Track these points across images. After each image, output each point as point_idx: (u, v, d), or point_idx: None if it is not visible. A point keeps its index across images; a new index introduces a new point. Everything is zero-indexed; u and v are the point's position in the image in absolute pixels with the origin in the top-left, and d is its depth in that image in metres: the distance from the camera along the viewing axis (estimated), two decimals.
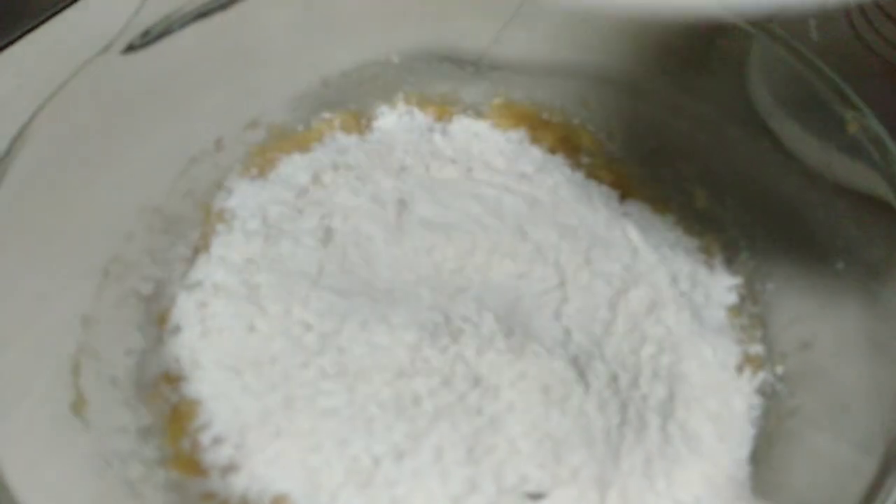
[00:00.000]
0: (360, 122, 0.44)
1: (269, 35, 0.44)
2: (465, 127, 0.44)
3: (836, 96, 0.35)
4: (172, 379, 0.34)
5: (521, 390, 0.30)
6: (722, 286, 0.37)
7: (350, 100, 0.45)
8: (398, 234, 0.36)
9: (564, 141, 0.43)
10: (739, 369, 0.33)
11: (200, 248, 0.38)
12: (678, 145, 0.43)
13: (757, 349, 0.34)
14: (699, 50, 0.43)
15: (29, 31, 0.48)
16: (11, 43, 0.48)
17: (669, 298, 0.35)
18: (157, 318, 0.36)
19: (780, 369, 0.33)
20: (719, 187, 0.41)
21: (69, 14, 0.49)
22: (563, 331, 0.33)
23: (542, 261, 0.35)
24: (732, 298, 0.36)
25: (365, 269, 0.35)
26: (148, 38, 0.39)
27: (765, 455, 0.30)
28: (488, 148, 0.42)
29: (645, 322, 0.34)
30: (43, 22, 0.48)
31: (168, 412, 0.33)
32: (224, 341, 0.34)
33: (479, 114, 0.45)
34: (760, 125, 0.41)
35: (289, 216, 0.38)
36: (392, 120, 0.44)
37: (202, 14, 0.39)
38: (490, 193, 0.38)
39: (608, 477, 0.30)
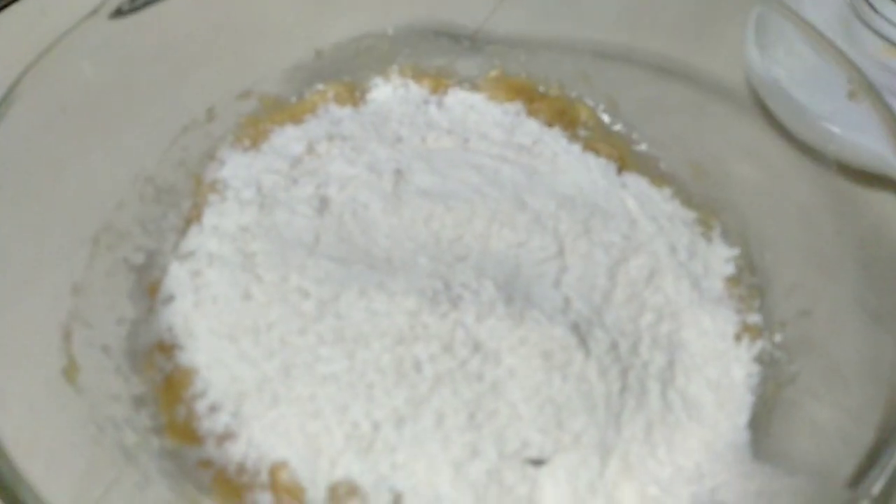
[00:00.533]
0: (354, 94, 0.44)
1: (262, 4, 0.44)
2: (460, 99, 0.43)
3: (840, 70, 0.35)
4: (166, 348, 0.33)
5: (522, 356, 0.30)
6: (720, 257, 0.37)
7: (344, 71, 0.44)
8: (396, 204, 0.36)
9: (561, 114, 0.43)
10: (738, 338, 0.33)
11: (192, 218, 0.38)
12: (675, 121, 0.43)
13: (755, 318, 0.34)
14: (697, 25, 0.43)
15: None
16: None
17: (668, 268, 0.35)
18: (149, 288, 0.35)
19: (778, 337, 0.33)
20: (717, 162, 0.41)
21: None
22: (562, 299, 0.33)
23: (541, 230, 0.35)
24: (730, 269, 0.36)
25: (362, 237, 0.35)
26: (137, 4, 0.39)
27: (764, 422, 0.31)
28: (484, 120, 0.42)
29: (644, 291, 0.34)
30: None
31: (161, 381, 0.32)
32: (219, 309, 0.33)
33: (474, 86, 0.44)
34: (758, 102, 0.41)
35: (283, 186, 0.38)
36: (387, 92, 0.44)
37: None
38: (488, 163, 0.38)
39: (610, 442, 0.30)
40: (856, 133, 0.37)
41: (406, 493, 0.29)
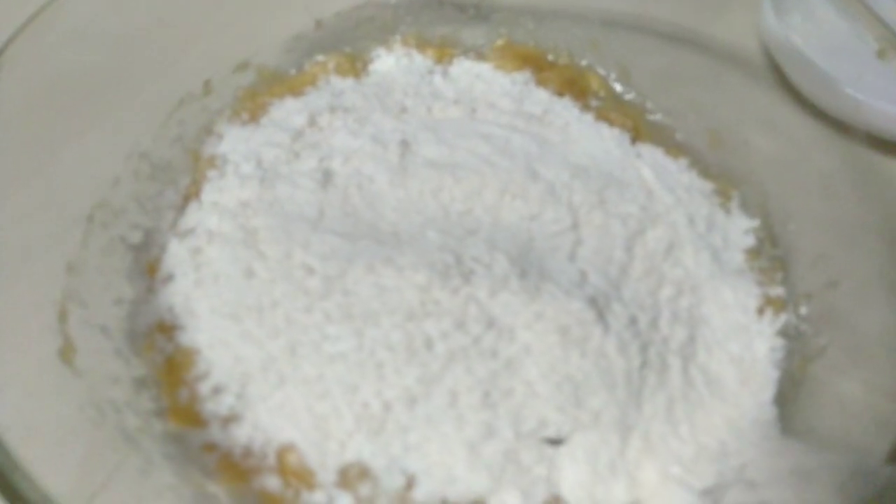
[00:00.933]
0: (355, 65, 0.42)
1: None
2: (466, 69, 0.42)
3: (867, 28, 0.33)
4: (166, 328, 0.32)
5: (538, 332, 0.29)
6: (739, 229, 0.35)
7: (345, 42, 0.43)
8: (402, 176, 0.34)
9: (571, 83, 0.41)
10: (760, 311, 0.32)
11: (191, 194, 0.36)
12: (690, 90, 0.41)
13: (778, 291, 0.33)
14: None
15: None
16: None
17: (687, 239, 0.33)
18: (148, 267, 0.34)
19: (804, 310, 0.32)
20: (733, 132, 0.39)
21: None
22: (578, 273, 0.31)
23: (555, 201, 0.33)
24: (750, 241, 0.35)
25: (368, 211, 0.33)
26: None
27: (792, 398, 0.29)
28: (491, 90, 0.40)
29: (663, 264, 0.32)
30: None
31: (162, 362, 0.31)
32: (221, 288, 0.32)
33: (480, 56, 0.43)
34: (774, 70, 0.40)
35: (284, 159, 0.36)
36: (389, 62, 0.42)
37: None
38: (498, 133, 0.36)
39: (630, 420, 0.28)
40: (880, 99, 0.36)
41: (419, 474, 0.28)
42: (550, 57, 0.43)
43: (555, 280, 0.30)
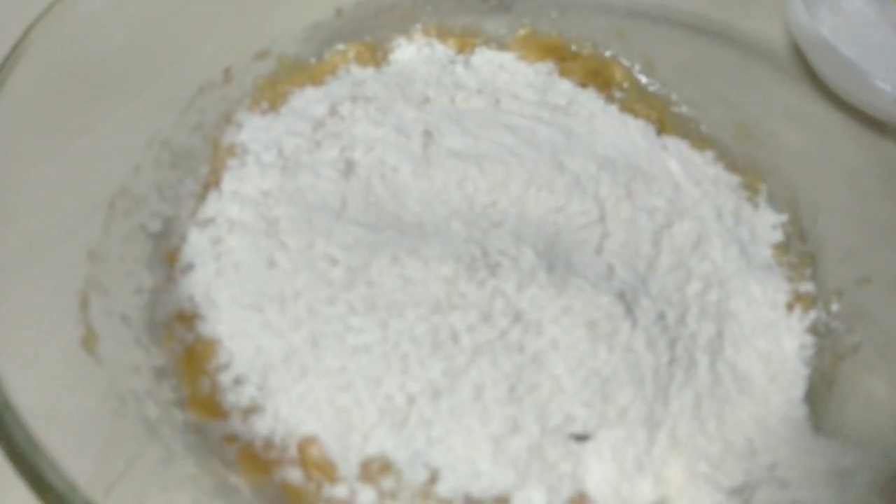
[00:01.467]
0: (375, 54, 0.42)
1: None
2: (488, 59, 0.41)
3: None
4: (186, 318, 0.32)
5: (565, 326, 0.28)
6: (767, 223, 0.35)
7: (365, 31, 0.42)
8: (426, 166, 0.34)
9: (596, 74, 0.40)
10: (790, 307, 0.32)
11: (210, 183, 0.36)
12: (715, 82, 0.41)
13: (807, 287, 0.32)
14: None
15: None
16: None
17: (715, 233, 0.33)
18: (167, 257, 0.34)
19: (835, 306, 0.32)
20: (760, 125, 0.39)
21: None
22: (605, 266, 0.31)
23: (581, 193, 0.33)
24: (778, 236, 0.34)
25: (392, 201, 0.33)
26: None
27: (823, 396, 0.29)
28: (515, 80, 0.39)
29: (690, 258, 0.32)
30: None
31: (182, 352, 0.31)
32: (242, 278, 0.31)
33: (502, 46, 0.42)
34: (801, 63, 0.39)
35: (306, 149, 0.36)
36: (410, 52, 0.42)
37: None
38: (522, 123, 0.36)
39: (657, 417, 0.28)
40: None
41: (443, 469, 0.28)
42: (574, 47, 0.42)
43: (582, 274, 0.30)
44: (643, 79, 0.41)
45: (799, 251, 0.34)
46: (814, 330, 0.31)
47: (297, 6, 0.42)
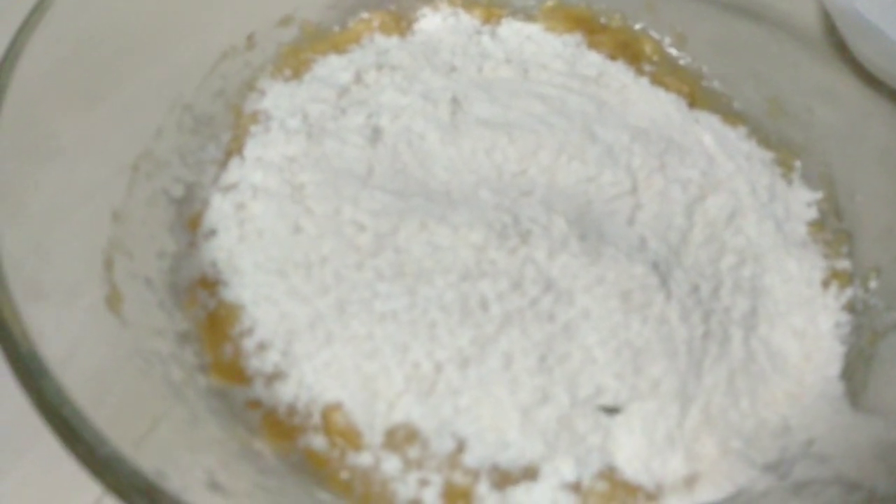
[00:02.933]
0: (400, 23, 0.41)
1: None
2: (515, 30, 0.40)
3: None
4: (209, 283, 0.31)
5: (598, 296, 0.28)
6: (801, 201, 0.34)
7: (389, 0, 0.42)
8: (454, 134, 0.33)
9: (625, 47, 0.40)
10: (825, 284, 0.31)
11: (233, 150, 0.35)
12: (747, 58, 0.40)
13: (844, 264, 0.32)
14: None
15: None
16: None
17: (750, 208, 0.32)
18: (189, 222, 0.33)
19: (873, 284, 0.31)
20: (793, 102, 0.38)
21: None
22: (638, 238, 0.30)
23: (613, 164, 0.32)
24: (813, 213, 0.34)
25: (419, 169, 0.32)
26: None
27: (861, 373, 0.28)
28: (543, 51, 0.39)
29: (724, 231, 0.31)
30: None
31: (205, 318, 0.30)
32: (266, 244, 0.31)
33: (529, 17, 0.41)
34: (833, 40, 0.38)
35: (331, 115, 0.35)
36: (435, 22, 0.41)
37: None
38: (553, 93, 0.35)
39: (690, 391, 0.27)
40: None
41: (470, 438, 0.27)
42: (602, 19, 0.41)
43: (615, 244, 0.29)
44: (674, 52, 0.40)
45: (834, 228, 0.33)
46: (850, 307, 0.30)
47: None
